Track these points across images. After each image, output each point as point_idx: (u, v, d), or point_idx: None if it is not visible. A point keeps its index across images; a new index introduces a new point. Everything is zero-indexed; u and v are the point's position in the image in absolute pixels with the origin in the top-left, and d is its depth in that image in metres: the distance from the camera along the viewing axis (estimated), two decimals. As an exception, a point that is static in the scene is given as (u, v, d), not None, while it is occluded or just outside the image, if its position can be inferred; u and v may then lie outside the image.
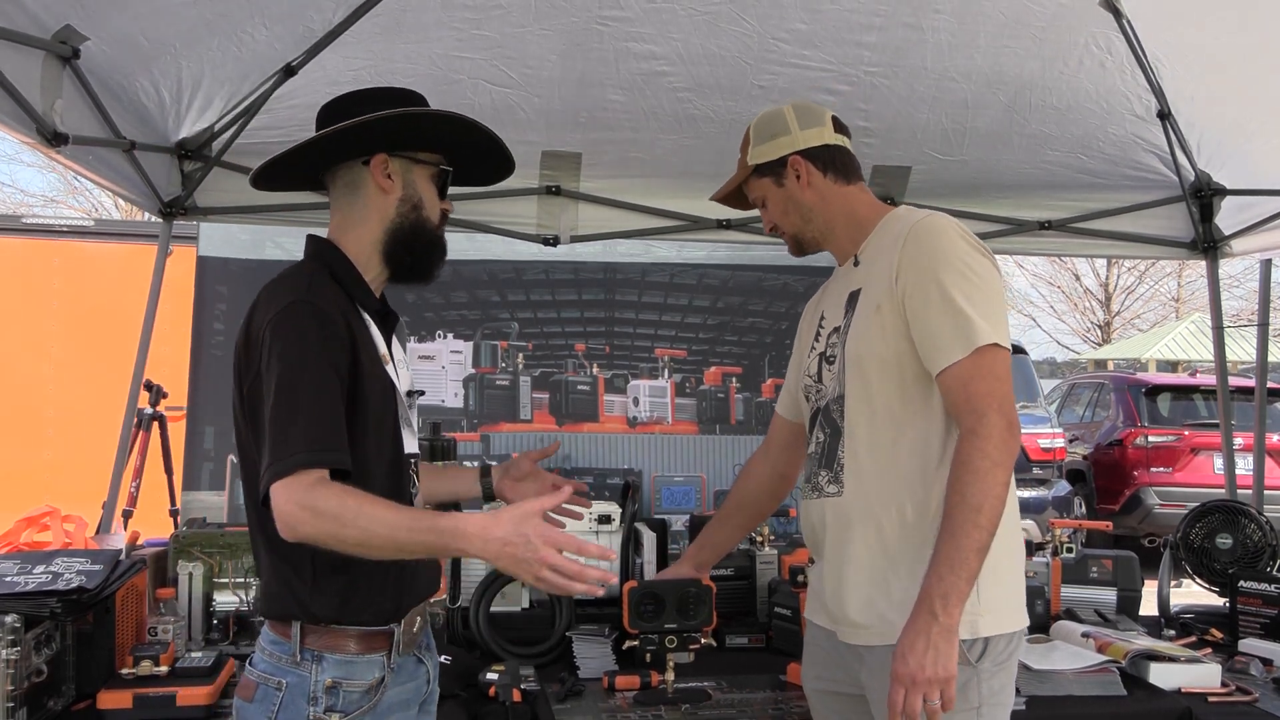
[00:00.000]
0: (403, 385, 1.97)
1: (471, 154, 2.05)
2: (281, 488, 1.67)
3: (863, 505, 2.01)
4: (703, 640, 2.56)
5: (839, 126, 2.23)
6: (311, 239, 1.95)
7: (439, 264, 2.01)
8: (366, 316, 1.91)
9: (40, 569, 2.49)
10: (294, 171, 2.00)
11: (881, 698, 1.92)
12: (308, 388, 1.73)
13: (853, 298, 2.11)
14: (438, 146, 1.99)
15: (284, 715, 1.78)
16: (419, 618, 1.96)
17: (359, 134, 1.87)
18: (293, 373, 1.72)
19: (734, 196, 2.33)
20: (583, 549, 1.66)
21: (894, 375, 1.99)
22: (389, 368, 1.91)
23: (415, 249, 1.96)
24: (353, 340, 1.81)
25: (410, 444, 1.99)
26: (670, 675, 2.56)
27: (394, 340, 2.01)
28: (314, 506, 1.66)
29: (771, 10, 3.07)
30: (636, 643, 2.54)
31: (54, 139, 2.58)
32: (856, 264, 2.16)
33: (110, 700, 2.33)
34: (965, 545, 1.81)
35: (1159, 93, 3.49)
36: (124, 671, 2.42)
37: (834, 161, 2.18)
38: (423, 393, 2.47)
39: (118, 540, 3.43)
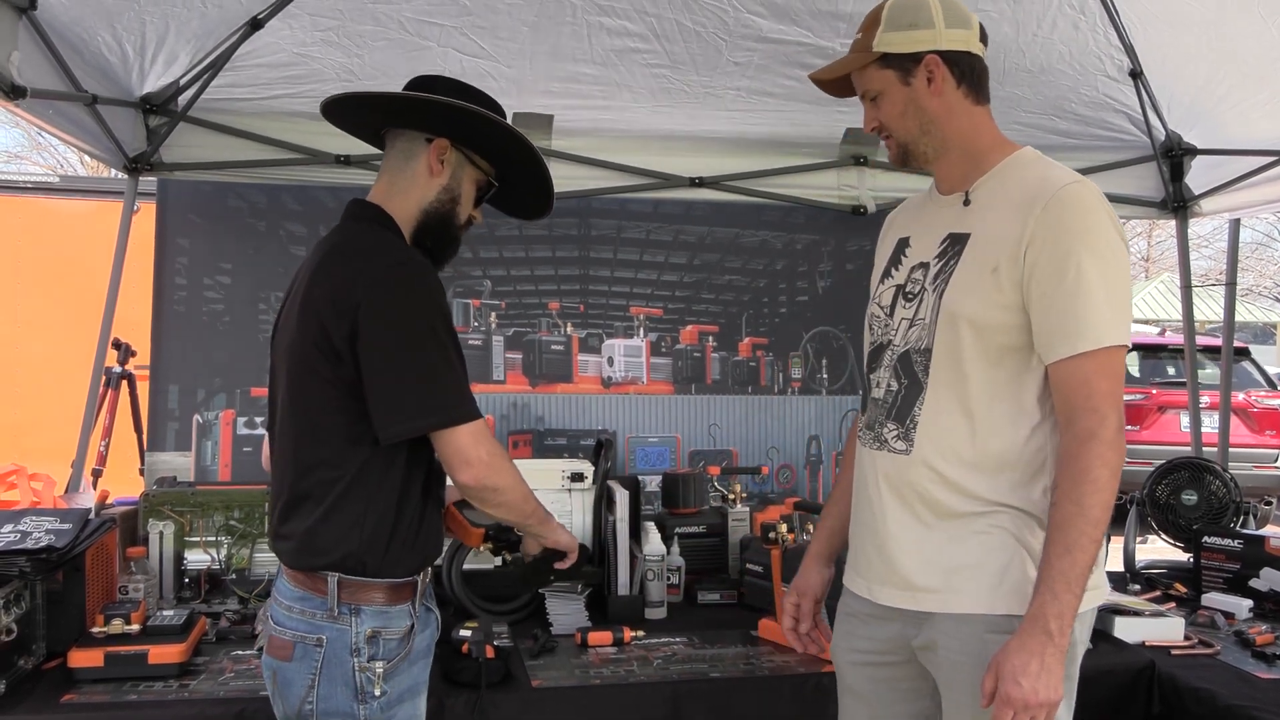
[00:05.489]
0: None
1: (517, 183, 2.12)
2: (469, 436, 1.80)
3: (931, 470, 1.85)
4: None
5: (983, 36, 1.94)
6: (360, 203, 2.00)
7: (449, 260, 2.08)
8: None
9: (8, 528, 2.48)
10: (360, 116, 2.05)
11: (957, 678, 1.82)
12: (449, 343, 1.83)
13: (955, 240, 1.90)
14: (494, 162, 2.06)
15: (329, 670, 1.81)
16: (429, 569, 2.03)
17: (437, 112, 1.93)
18: (434, 325, 1.81)
19: (834, 81, 2.01)
20: None
21: (993, 344, 1.82)
22: None
23: (440, 238, 2.02)
24: None
25: None
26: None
27: None
28: (503, 457, 1.86)
29: (746, -17, 3.04)
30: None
31: (12, 91, 2.51)
32: (967, 203, 1.92)
33: (82, 659, 2.33)
34: (1081, 561, 1.68)
35: (1131, 51, 3.49)
36: (95, 630, 2.41)
37: (972, 73, 1.90)
38: None
39: (87, 499, 3.41)
